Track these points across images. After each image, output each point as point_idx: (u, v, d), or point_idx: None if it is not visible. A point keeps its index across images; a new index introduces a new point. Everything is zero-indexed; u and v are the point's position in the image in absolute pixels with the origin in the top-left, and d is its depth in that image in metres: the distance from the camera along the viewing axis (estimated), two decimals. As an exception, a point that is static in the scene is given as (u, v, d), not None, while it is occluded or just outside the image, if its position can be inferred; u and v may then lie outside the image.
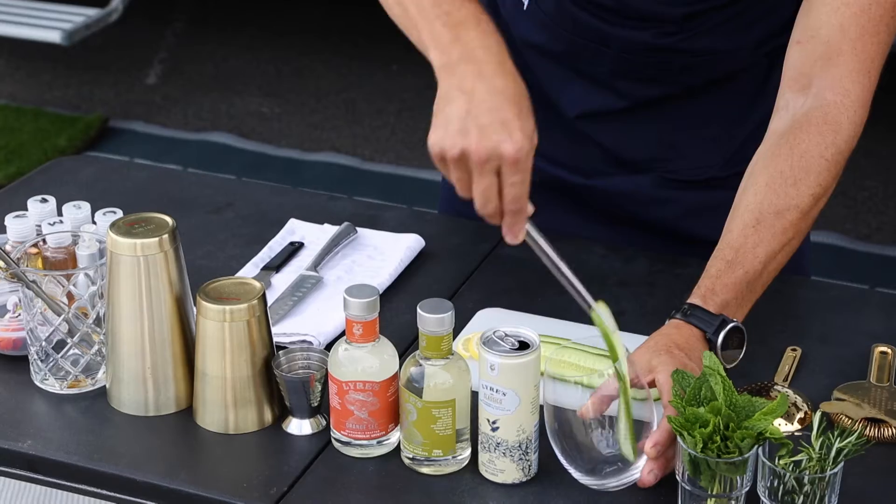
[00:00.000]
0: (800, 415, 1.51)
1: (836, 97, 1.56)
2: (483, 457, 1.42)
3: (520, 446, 1.39)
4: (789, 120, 1.58)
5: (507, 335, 1.39)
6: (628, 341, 1.47)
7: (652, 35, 1.73)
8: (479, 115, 1.34)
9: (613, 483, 1.38)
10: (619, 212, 1.88)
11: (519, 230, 1.38)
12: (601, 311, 1.36)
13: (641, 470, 1.37)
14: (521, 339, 1.39)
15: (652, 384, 1.40)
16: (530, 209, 1.38)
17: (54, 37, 4.54)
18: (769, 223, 1.52)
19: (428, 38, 1.42)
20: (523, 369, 1.37)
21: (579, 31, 1.76)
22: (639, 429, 1.36)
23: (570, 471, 1.39)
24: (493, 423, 1.39)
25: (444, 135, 1.35)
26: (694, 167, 1.85)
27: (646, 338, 1.62)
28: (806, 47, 1.59)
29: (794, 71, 1.60)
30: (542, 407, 1.40)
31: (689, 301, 1.51)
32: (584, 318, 1.50)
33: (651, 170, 1.85)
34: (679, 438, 1.33)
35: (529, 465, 1.41)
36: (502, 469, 1.40)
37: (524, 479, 1.41)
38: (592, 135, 1.84)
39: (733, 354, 1.51)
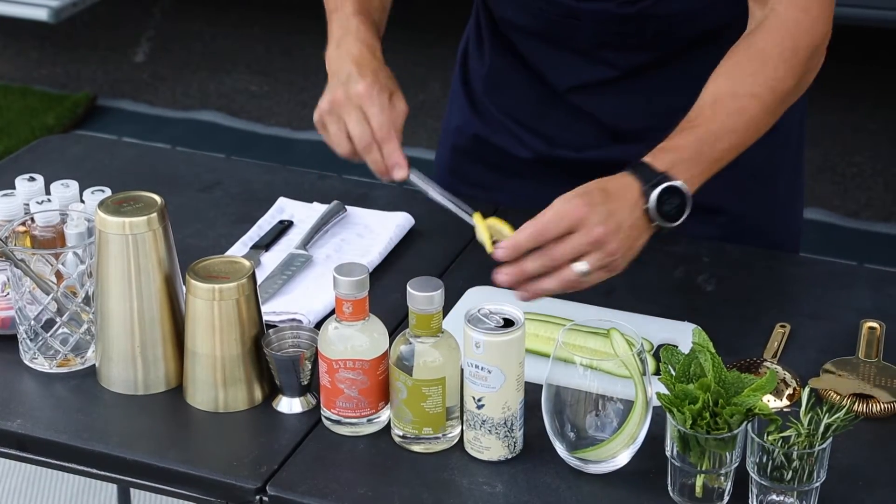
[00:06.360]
0: (788, 391, 1.51)
1: (796, 13, 1.59)
2: (468, 434, 1.42)
3: (505, 423, 1.39)
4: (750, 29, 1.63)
5: (491, 313, 1.39)
6: (620, 318, 1.47)
7: (616, 5, 1.73)
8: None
9: (593, 468, 1.39)
10: None
11: (395, 163, 1.59)
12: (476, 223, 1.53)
13: (499, 272, 1.43)
14: (506, 316, 1.39)
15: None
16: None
17: (41, 14, 4.52)
18: (725, 102, 1.55)
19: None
20: (508, 347, 1.37)
21: (552, 8, 1.76)
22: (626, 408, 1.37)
23: (557, 449, 1.40)
24: (479, 400, 1.39)
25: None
26: None
27: (636, 315, 1.63)
28: None
29: None
30: (543, 386, 1.40)
31: (642, 159, 1.52)
32: (573, 296, 1.51)
33: (646, 139, 1.85)
34: (669, 415, 1.33)
35: (515, 443, 1.41)
36: (488, 446, 1.41)
37: (509, 457, 1.41)
38: (586, 108, 1.84)
39: (670, 216, 1.49)
